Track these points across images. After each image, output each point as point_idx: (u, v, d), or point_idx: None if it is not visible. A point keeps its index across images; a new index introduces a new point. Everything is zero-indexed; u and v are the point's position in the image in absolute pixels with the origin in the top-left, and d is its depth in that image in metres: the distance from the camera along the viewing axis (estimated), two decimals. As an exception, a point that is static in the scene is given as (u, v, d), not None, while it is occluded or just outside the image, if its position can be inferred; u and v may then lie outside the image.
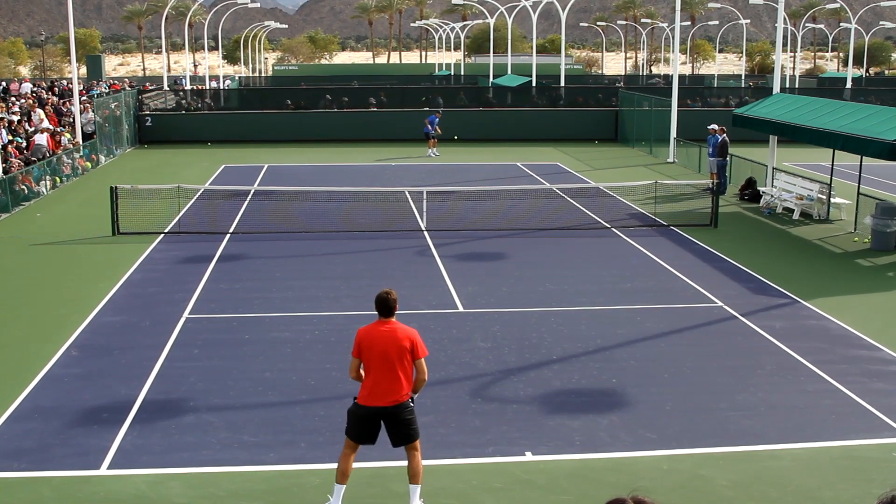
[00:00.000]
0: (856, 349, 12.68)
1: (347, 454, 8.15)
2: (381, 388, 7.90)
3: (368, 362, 7.96)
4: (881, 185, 26.91)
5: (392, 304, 8.10)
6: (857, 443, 9.69)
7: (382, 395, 7.90)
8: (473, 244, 19.10)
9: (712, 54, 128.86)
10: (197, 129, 38.64)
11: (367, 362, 7.97)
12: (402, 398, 7.94)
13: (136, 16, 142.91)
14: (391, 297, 8.11)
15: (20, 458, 9.26)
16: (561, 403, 10.68)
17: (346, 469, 8.14)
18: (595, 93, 47.55)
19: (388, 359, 7.88)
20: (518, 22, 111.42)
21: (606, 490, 8.41)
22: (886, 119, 18.88)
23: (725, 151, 25.49)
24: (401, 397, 7.94)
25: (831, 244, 19.56)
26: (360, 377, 8.09)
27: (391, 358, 7.88)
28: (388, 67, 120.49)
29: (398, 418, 7.96)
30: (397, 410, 7.93)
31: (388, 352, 7.89)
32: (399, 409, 7.94)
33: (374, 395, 7.92)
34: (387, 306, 8.09)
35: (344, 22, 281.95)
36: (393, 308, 8.10)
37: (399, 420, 7.96)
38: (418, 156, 34.15)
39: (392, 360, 7.88)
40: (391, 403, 7.91)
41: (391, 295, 8.13)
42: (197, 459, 9.22)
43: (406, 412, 7.97)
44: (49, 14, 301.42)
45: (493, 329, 13.40)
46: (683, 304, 14.79)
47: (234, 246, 18.88)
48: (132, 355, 12.25)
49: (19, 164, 25.30)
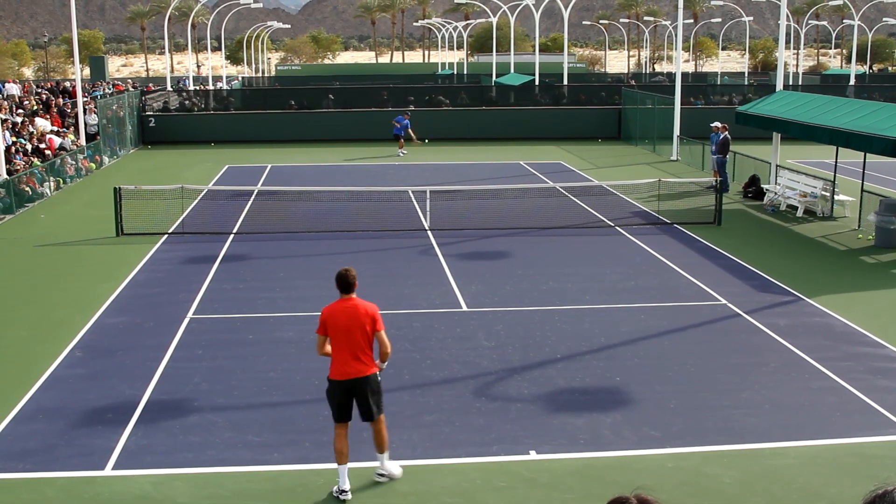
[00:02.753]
0: (860, 346, 12.66)
1: (340, 434, 8.49)
2: (349, 361, 8.33)
3: (335, 339, 8.36)
4: (885, 181, 26.86)
5: (352, 280, 8.53)
6: (862, 440, 9.68)
7: (351, 369, 8.33)
8: (477, 243, 19.10)
9: (715, 52, 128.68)
10: (200, 130, 38.68)
11: (334, 339, 8.37)
12: (370, 370, 8.38)
13: (140, 17, 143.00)
14: (350, 274, 8.54)
15: (25, 458, 9.28)
16: (565, 402, 10.67)
17: (342, 449, 8.46)
18: (598, 91, 47.51)
19: (352, 334, 8.32)
20: (521, 21, 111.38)
21: (611, 488, 8.39)
22: (890, 116, 18.84)
23: (726, 149, 25.48)
24: (368, 369, 8.36)
25: (835, 241, 19.53)
26: (327, 353, 8.50)
27: (355, 333, 8.34)
28: (391, 67, 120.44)
29: (366, 390, 8.36)
30: (366, 382, 8.36)
31: (352, 327, 8.34)
32: (368, 381, 8.36)
33: (344, 369, 8.34)
34: (347, 283, 8.53)
35: (346, 22, 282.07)
36: (353, 284, 8.53)
37: (367, 392, 8.37)
38: (419, 156, 34.15)
39: (356, 334, 8.34)
40: (360, 375, 8.34)
41: (350, 272, 8.56)
42: (201, 460, 9.23)
43: (374, 384, 8.39)
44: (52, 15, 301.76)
45: (496, 328, 13.39)
46: (687, 302, 14.78)
47: (237, 246, 18.89)
48: (136, 356, 12.27)
49: (24, 165, 25.36)
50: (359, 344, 8.35)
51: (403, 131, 34.42)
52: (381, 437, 8.58)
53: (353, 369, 8.34)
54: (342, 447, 8.45)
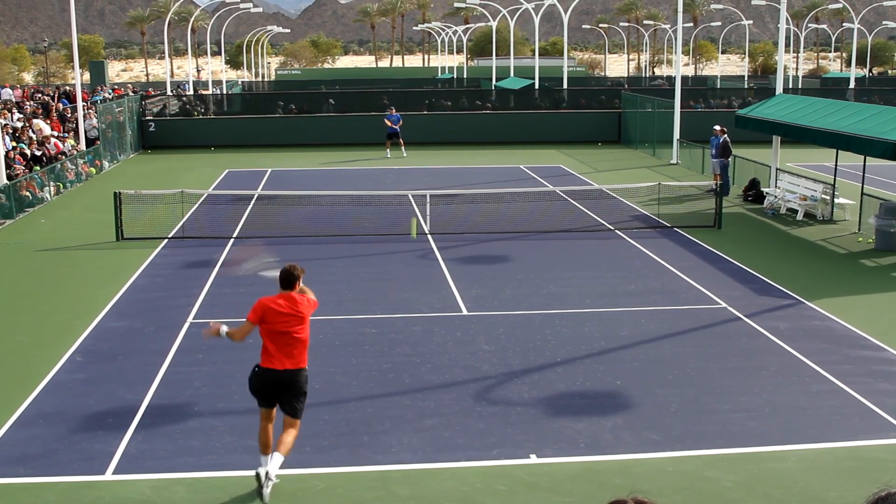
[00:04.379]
0: (860, 350, 12.66)
1: (265, 426, 8.58)
2: (282, 353, 8.45)
3: (271, 330, 8.46)
4: (885, 185, 26.86)
5: (295, 279, 8.63)
6: (862, 443, 9.68)
7: (283, 360, 8.44)
8: (477, 247, 19.10)
9: (715, 55, 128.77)
10: (200, 134, 38.68)
11: (270, 331, 8.47)
12: (301, 364, 8.54)
13: (139, 21, 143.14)
14: (295, 273, 8.65)
15: (25, 463, 9.28)
16: (565, 406, 10.67)
17: (267, 441, 8.55)
18: (598, 95, 47.55)
19: (287, 328, 8.46)
20: (520, 25, 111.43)
21: (611, 492, 8.39)
22: (890, 119, 18.85)
23: (727, 152, 25.49)
24: (299, 363, 8.53)
25: (835, 245, 19.53)
26: (243, 340, 8.77)
27: (291, 327, 8.46)
28: (390, 71, 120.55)
29: (294, 384, 8.49)
30: (296, 375, 8.48)
31: (290, 321, 8.47)
32: (297, 374, 8.49)
33: (276, 359, 8.45)
34: (290, 280, 8.63)
35: (346, 26, 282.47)
36: (295, 283, 8.62)
37: (294, 386, 8.48)
38: (419, 160, 34.16)
39: (291, 329, 8.46)
40: (291, 367, 8.46)
41: (295, 270, 8.66)
42: (201, 464, 9.23)
43: (302, 379, 8.53)
44: (52, 20, 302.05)
45: (496, 332, 13.39)
46: (687, 306, 14.78)
47: (237, 250, 18.88)
48: (136, 360, 12.27)
49: (25, 171, 25.37)
50: (293, 338, 8.48)
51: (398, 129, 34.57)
52: (290, 440, 8.49)
53: (285, 361, 8.45)
54: (267, 440, 8.54)
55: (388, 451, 9.41)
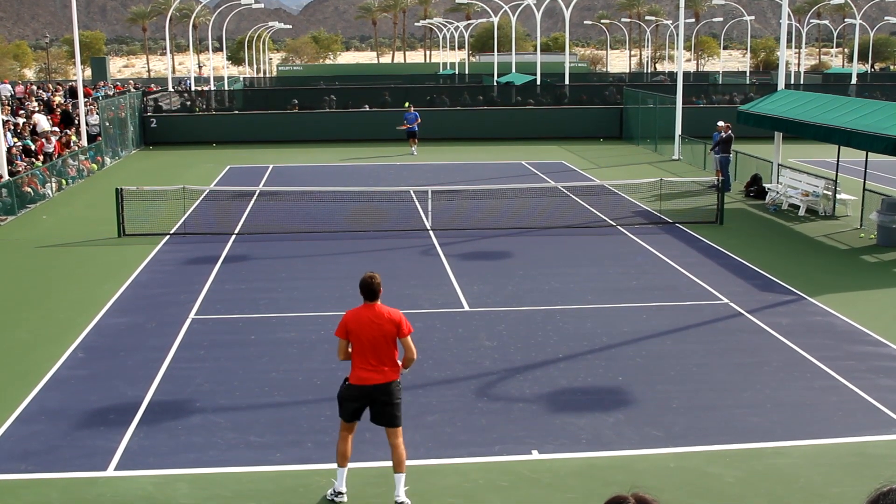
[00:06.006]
0: (862, 345, 12.65)
1: (345, 437, 8.40)
2: (371, 368, 8.18)
3: (358, 345, 8.21)
4: (887, 180, 26.84)
5: (376, 288, 8.33)
6: (865, 439, 9.67)
7: (373, 375, 8.18)
8: (479, 243, 19.09)
9: (717, 51, 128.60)
10: (202, 131, 38.67)
11: (356, 345, 8.22)
12: (392, 377, 8.25)
13: (141, 17, 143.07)
14: (375, 282, 8.33)
15: (27, 459, 9.29)
16: (567, 402, 10.67)
17: (345, 452, 8.38)
18: (600, 90, 47.50)
19: (376, 342, 8.17)
20: (522, 20, 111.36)
21: (613, 488, 8.36)
22: (892, 115, 18.82)
23: (728, 148, 25.46)
24: (390, 377, 8.22)
25: (837, 240, 19.51)
26: (348, 357, 8.34)
27: (379, 341, 8.16)
28: (392, 67, 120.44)
29: (386, 397, 8.23)
30: (388, 389, 8.22)
31: (376, 335, 8.17)
32: (389, 388, 8.22)
33: (366, 375, 8.19)
34: (371, 290, 8.33)
35: (348, 22, 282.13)
36: (377, 292, 8.33)
37: (387, 399, 8.23)
38: (421, 156, 34.14)
39: (380, 342, 8.17)
40: (381, 381, 8.19)
41: (375, 279, 8.34)
42: (203, 460, 9.23)
43: (395, 391, 8.26)
44: (54, 17, 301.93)
45: (498, 328, 13.39)
46: (689, 302, 14.77)
47: (239, 246, 18.90)
48: (138, 356, 12.27)
49: (26, 167, 25.36)
50: (382, 351, 8.18)
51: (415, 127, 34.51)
52: (401, 454, 8.32)
53: (375, 376, 8.17)
54: (345, 450, 8.38)
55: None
